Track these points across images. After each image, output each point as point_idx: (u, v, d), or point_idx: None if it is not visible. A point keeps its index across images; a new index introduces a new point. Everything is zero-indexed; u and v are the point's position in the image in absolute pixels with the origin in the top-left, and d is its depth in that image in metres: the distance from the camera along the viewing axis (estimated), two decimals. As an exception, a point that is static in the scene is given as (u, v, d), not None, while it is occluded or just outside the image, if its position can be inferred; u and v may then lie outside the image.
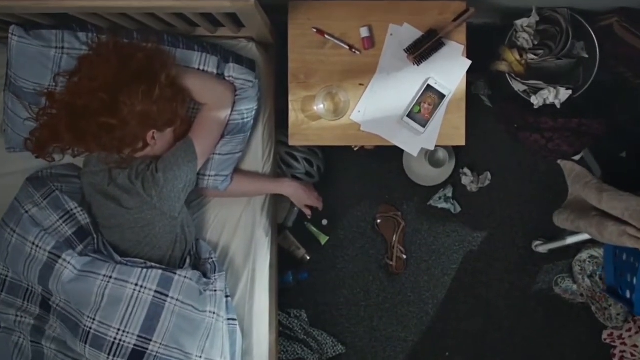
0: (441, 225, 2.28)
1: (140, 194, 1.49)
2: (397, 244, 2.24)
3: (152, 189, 1.48)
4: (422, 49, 1.63)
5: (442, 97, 1.68)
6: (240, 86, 1.63)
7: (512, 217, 2.28)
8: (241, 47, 1.75)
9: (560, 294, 2.28)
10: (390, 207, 2.27)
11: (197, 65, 1.60)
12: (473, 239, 2.29)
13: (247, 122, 1.66)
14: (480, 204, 2.28)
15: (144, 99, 1.43)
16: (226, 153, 1.65)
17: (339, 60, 1.65)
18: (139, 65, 1.44)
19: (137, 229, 1.52)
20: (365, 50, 1.66)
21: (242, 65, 1.63)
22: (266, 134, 1.79)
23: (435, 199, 2.27)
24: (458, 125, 1.71)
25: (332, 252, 2.27)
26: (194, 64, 1.60)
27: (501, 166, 2.28)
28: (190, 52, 1.60)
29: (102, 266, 1.48)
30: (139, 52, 1.47)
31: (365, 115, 1.68)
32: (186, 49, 1.60)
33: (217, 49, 1.65)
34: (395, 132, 1.69)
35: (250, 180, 1.74)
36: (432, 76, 1.68)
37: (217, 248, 1.73)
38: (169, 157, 1.52)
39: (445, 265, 2.28)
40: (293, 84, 1.67)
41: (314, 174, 2.11)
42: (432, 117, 1.68)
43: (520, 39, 1.86)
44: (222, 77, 1.63)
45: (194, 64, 1.60)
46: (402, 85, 1.67)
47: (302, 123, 1.70)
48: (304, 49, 1.66)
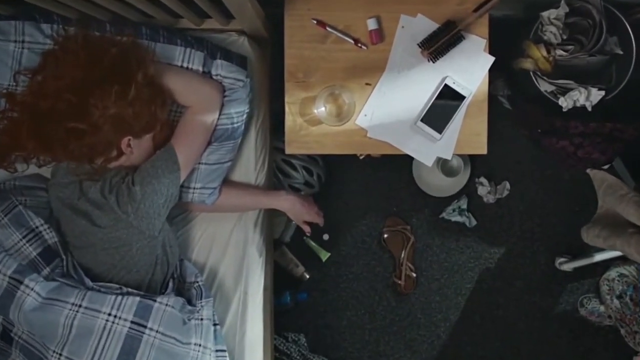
0: (454, 240, 2.20)
1: (114, 210, 1.38)
2: (406, 261, 2.15)
3: (128, 205, 1.38)
4: (438, 43, 1.50)
5: (461, 99, 1.55)
6: (229, 86, 1.53)
7: (533, 231, 2.21)
8: (231, 42, 1.62)
9: (585, 315, 2.21)
10: (399, 220, 2.18)
11: (180, 61, 1.50)
12: (490, 255, 2.21)
13: (237, 127, 1.55)
14: (498, 216, 2.20)
15: (117, 101, 1.32)
16: (213, 162, 1.55)
17: (342, 56, 1.54)
18: (112, 62, 1.34)
19: (111, 250, 1.41)
20: (373, 45, 1.54)
21: (231, 62, 1.52)
22: (260, 140, 1.68)
23: (448, 211, 2.18)
24: (479, 131, 1.58)
25: (334, 269, 2.19)
26: (176, 61, 1.50)
27: (521, 175, 2.19)
28: (171, 47, 1.49)
29: (70, 293, 1.37)
30: (112, 47, 1.36)
31: (373, 120, 1.55)
32: (167, 43, 1.49)
33: (203, 44, 1.53)
34: (407, 139, 1.56)
35: (241, 193, 1.63)
36: (449, 75, 1.55)
37: (204, 270, 1.63)
38: (147, 167, 1.41)
39: (458, 284, 2.21)
40: (290, 83, 1.56)
41: (313, 183, 2.02)
42: (451, 121, 1.55)
43: (547, 32, 1.74)
44: (208, 75, 1.53)
45: (176, 60, 1.50)
46: (416, 85, 1.55)
47: (301, 128, 1.57)
48: (303, 44, 1.54)
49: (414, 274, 2.18)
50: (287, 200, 1.66)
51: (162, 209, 1.43)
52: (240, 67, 1.54)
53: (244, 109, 1.55)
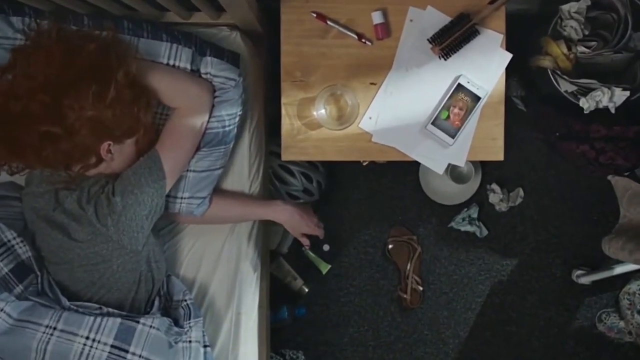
0: (464, 251, 2.16)
1: (92, 222, 1.31)
2: (412, 274, 2.13)
3: (108, 217, 1.31)
4: (450, 38, 1.43)
5: (476, 100, 1.48)
6: (219, 86, 1.46)
7: (548, 241, 2.17)
8: (222, 37, 1.56)
9: (604, 331, 2.17)
10: (404, 229, 2.15)
11: (166, 58, 1.43)
12: (502, 267, 2.17)
13: (229, 131, 1.48)
14: (510, 226, 2.17)
15: (95, 102, 1.25)
16: (203, 170, 1.48)
17: (344, 53, 1.48)
18: (90, 60, 1.27)
19: (90, 266, 1.34)
20: (379, 41, 1.48)
21: (222, 60, 1.46)
22: (254, 144, 1.61)
23: (457, 220, 2.14)
24: (495, 135, 1.51)
25: (334, 283, 2.17)
26: (162, 58, 1.43)
27: (536, 182, 2.16)
28: (156, 43, 1.43)
29: (44, 314, 1.31)
30: (90, 43, 1.29)
31: (379, 123, 1.49)
32: (151, 39, 1.43)
33: (191, 39, 1.47)
34: (415, 145, 1.50)
35: (234, 203, 1.56)
36: (463, 73, 1.48)
37: (193, 287, 1.58)
38: (129, 175, 1.35)
39: (468, 298, 2.17)
40: (287, 83, 1.49)
41: (313, 191, 1.96)
42: (464, 125, 1.48)
43: (567, 28, 1.67)
44: (197, 74, 1.46)
45: (161, 57, 1.43)
46: (426, 84, 1.48)
47: (298, 132, 1.50)
48: (301, 39, 1.48)
49: (421, 287, 2.15)
50: (284, 211, 1.58)
51: (145, 222, 1.36)
52: (232, 64, 1.47)
53: (237, 110, 1.49)
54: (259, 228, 1.66)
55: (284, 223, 1.60)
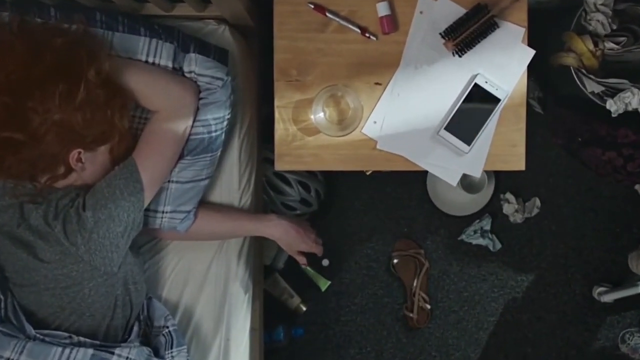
0: (475, 266, 2.11)
1: (60, 241, 1.21)
2: (419, 291, 2.07)
3: (78, 235, 1.21)
4: (465, 32, 1.33)
5: (495, 102, 1.37)
6: (205, 86, 1.37)
7: (567, 255, 2.12)
8: (208, 32, 1.47)
9: (628, 353, 2.11)
10: (410, 242, 2.11)
11: (144, 55, 1.34)
12: (517, 283, 2.12)
13: (216, 137, 1.39)
14: (526, 239, 2.12)
15: (62, 104, 1.16)
16: (187, 180, 1.38)
17: (346, 49, 1.40)
18: (57, 56, 1.18)
19: (58, 289, 1.25)
20: (384, 35, 1.38)
21: (208, 57, 1.36)
22: (244, 151, 1.51)
23: (468, 232, 2.08)
24: (516, 142, 1.41)
25: (335, 300, 2.11)
26: (139, 54, 1.34)
27: (554, 191, 2.10)
28: (133, 38, 1.34)
29: (6, 344, 1.23)
30: (57, 38, 1.20)
31: (384, 128, 1.39)
32: (128, 33, 1.34)
33: (173, 33, 1.37)
34: (426, 152, 1.40)
35: (221, 217, 1.47)
36: (480, 72, 1.38)
37: (176, 311, 1.49)
38: (102, 187, 1.25)
39: (480, 317, 2.11)
40: (280, 82, 1.39)
41: (311, 201, 1.89)
42: (482, 130, 1.38)
43: (593, 22, 1.59)
44: (179, 72, 1.37)
45: (139, 53, 1.34)
46: (438, 84, 1.39)
47: (294, 139, 1.40)
48: (297, 33, 1.39)
49: (428, 305, 2.10)
50: (277, 227, 1.48)
51: (120, 240, 1.26)
52: (220, 62, 1.38)
53: (224, 114, 1.39)
54: (250, 244, 1.56)
55: (277, 240, 1.51)
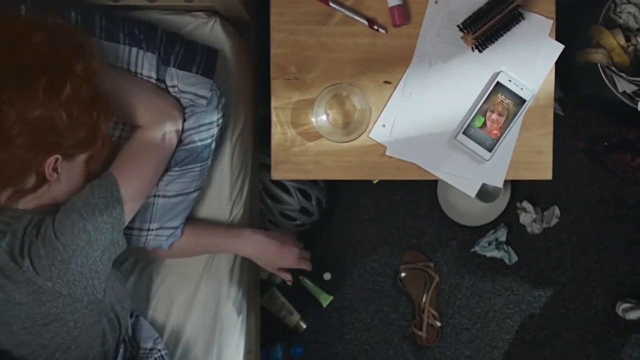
0: (489, 280, 2.05)
1: (31, 280, 1.06)
2: (428, 307, 2.01)
3: (52, 268, 1.06)
4: (486, 24, 1.23)
5: (520, 103, 1.26)
6: (188, 103, 1.26)
7: (588, 269, 2.06)
8: (197, 26, 1.34)
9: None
10: (419, 255, 2.05)
11: (125, 65, 1.24)
12: (534, 299, 2.06)
13: (206, 146, 1.27)
14: (544, 251, 2.06)
15: (46, 99, 1.03)
16: (175, 194, 1.26)
17: (351, 43, 1.30)
18: (38, 50, 1.05)
19: (37, 327, 1.10)
20: (395, 28, 1.28)
21: (190, 71, 1.23)
22: (237, 157, 1.39)
23: (482, 244, 2.02)
24: (542, 148, 1.31)
25: (337, 317, 2.05)
26: (119, 64, 1.23)
27: (575, 199, 2.03)
28: (112, 45, 1.21)
29: None
30: (37, 32, 1.06)
31: (394, 132, 1.28)
32: (106, 39, 1.21)
33: (155, 41, 1.24)
34: (441, 160, 1.29)
35: (201, 232, 1.36)
36: (503, 69, 1.27)
37: (164, 332, 1.37)
38: (78, 207, 1.09)
39: (494, 335, 2.05)
40: (278, 81, 1.29)
41: (312, 210, 1.81)
42: (504, 135, 1.26)
43: (624, 14, 1.51)
44: (163, 85, 1.25)
45: (118, 63, 1.23)
46: (455, 83, 1.28)
47: (293, 144, 1.30)
48: (296, 26, 1.28)
49: (438, 322, 2.03)
50: (251, 244, 1.36)
51: (100, 264, 1.12)
52: (205, 75, 1.25)
53: (215, 118, 1.27)
54: (243, 260, 1.43)
55: (252, 258, 1.40)
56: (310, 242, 1.97)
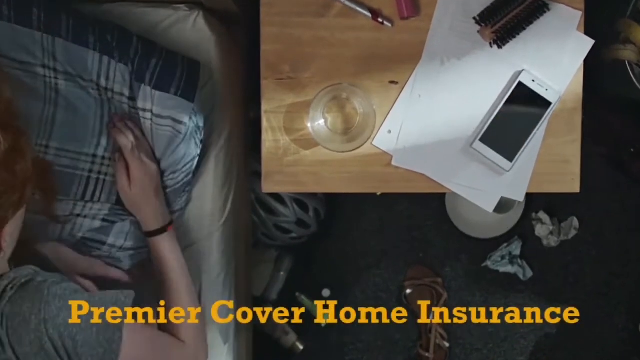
0: (502, 297, 1.98)
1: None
2: (436, 326, 1.94)
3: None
4: (507, 16, 1.12)
5: (545, 106, 1.14)
6: (166, 130, 1.10)
7: (609, 285, 1.99)
8: (179, 20, 1.21)
9: None
10: (426, 270, 1.97)
11: (95, 76, 1.09)
12: (550, 317, 2.00)
13: (187, 182, 1.18)
14: (562, 265, 1.98)
15: None
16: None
17: (353, 37, 1.19)
18: None
19: None
20: (403, 20, 1.17)
21: (168, 92, 1.09)
22: (222, 168, 1.27)
23: (494, 258, 1.94)
24: (568, 157, 1.19)
25: (337, 337, 1.97)
26: (88, 73, 1.08)
27: (595, 209, 1.96)
28: (80, 50, 1.07)
29: None
30: None
31: (402, 139, 1.18)
32: (73, 42, 1.06)
33: (129, 50, 1.09)
34: (455, 171, 1.18)
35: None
36: (525, 68, 1.15)
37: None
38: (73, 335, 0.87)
39: (507, 356, 1.99)
40: (269, 81, 1.18)
41: (309, 222, 1.74)
42: (527, 142, 1.15)
43: None
44: (133, 104, 1.11)
45: (87, 72, 1.08)
46: (471, 84, 1.18)
47: (286, 153, 1.19)
48: (290, 18, 1.17)
49: (447, 343, 1.96)
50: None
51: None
52: (185, 97, 1.10)
53: (195, 152, 1.16)
54: (234, 273, 1.30)
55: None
56: (307, 256, 1.89)
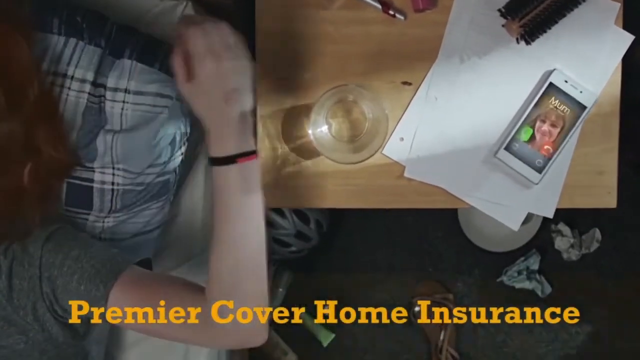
0: (520, 316, 1.91)
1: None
2: (447, 346, 1.85)
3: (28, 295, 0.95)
4: (535, 9, 1.03)
5: (580, 110, 1.04)
6: (145, 111, 1.00)
7: (634, 301, 1.92)
8: (165, 11, 1.12)
9: None
10: (437, 285, 1.91)
11: (56, 63, 0.98)
12: (571, 336, 1.90)
13: (164, 183, 1.07)
14: (583, 280, 1.92)
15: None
16: (129, 236, 1.08)
17: (360, 33, 1.10)
18: None
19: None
20: (417, 13, 1.08)
21: (152, 66, 1.00)
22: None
23: (511, 273, 1.87)
24: (604, 168, 1.08)
25: (340, 358, 1.91)
26: (46, 60, 0.96)
27: (618, 220, 1.87)
28: (41, 36, 0.98)
29: None
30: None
31: (415, 148, 1.08)
32: (34, 27, 0.96)
33: (103, 29, 1.00)
34: (476, 183, 1.09)
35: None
36: (557, 67, 1.06)
37: None
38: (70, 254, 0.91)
39: None
40: (265, 82, 1.08)
41: (310, 234, 1.69)
42: (558, 151, 1.05)
43: None
44: (97, 92, 0.98)
45: (46, 59, 0.96)
46: (495, 85, 1.08)
47: (285, 163, 1.10)
48: (289, 10, 1.09)
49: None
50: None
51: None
52: (169, 72, 1.00)
53: (179, 130, 1.05)
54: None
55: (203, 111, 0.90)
56: (308, 271, 1.84)
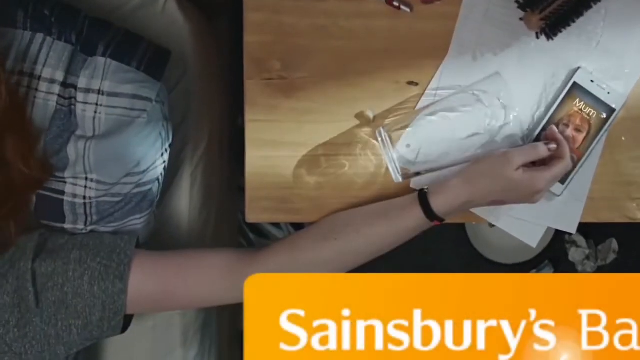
0: None
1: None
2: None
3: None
4: (557, 0, 0.94)
5: (607, 113, 0.97)
6: (122, 115, 0.91)
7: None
8: (145, 4, 1.04)
9: None
10: None
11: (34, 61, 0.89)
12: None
13: (145, 194, 0.98)
14: None
15: None
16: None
17: (362, 27, 1.03)
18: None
19: None
20: (425, 5, 1.01)
21: (129, 65, 0.92)
22: (200, 187, 1.11)
23: None
24: (633, 178, 1.01)
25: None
26: (10, 59, 0.88)
27: (636, 230, 1.68)
28: (6, 32, 0.90)
29: None
30: None
31: (422, 155, 1.02)
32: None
33: (76, 23, 0.91)
34: None
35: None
36: (582, 65, 0.98)
37: None
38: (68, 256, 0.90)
39: None
40: (254, 81, 1.00)
41: None
42: (584, 158, 0.98)
43: None
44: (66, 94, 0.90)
45: (10, 57, 0.87)
46: (511, 85, 1.00)
47: (276, 172, 1.04)
48: (281, 2, 1.01)
49: None
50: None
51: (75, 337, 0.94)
52: (150, 73, 0.93)
53: (157, 154, 0.96)
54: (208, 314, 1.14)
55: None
56: None
